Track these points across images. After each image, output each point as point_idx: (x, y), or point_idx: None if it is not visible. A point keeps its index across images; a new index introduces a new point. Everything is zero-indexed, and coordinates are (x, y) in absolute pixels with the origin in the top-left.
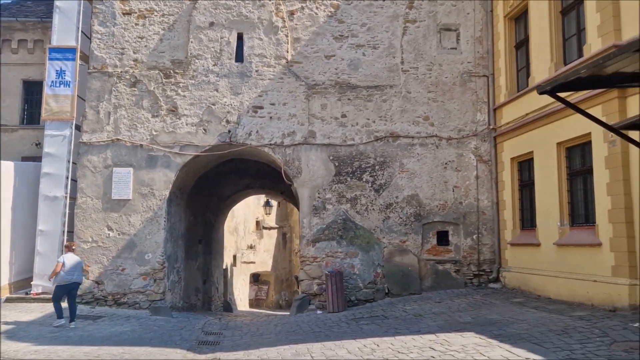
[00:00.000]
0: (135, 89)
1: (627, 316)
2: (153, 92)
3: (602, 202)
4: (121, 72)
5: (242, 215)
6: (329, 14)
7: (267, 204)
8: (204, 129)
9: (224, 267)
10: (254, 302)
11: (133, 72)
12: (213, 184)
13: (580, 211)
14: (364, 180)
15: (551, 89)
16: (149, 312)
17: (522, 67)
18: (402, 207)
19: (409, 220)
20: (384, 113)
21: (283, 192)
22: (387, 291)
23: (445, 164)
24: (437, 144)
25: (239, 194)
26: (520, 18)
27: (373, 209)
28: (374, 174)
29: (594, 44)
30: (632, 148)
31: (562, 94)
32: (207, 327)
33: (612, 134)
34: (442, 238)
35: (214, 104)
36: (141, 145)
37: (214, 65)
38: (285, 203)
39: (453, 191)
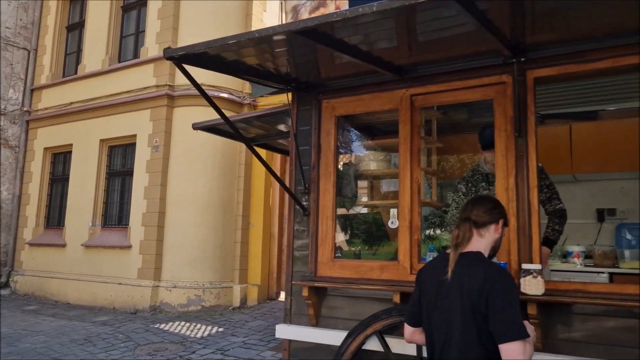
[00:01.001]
0: None
1: (149, 318)
2: None
3: (138, 205)
4: None
5: None
6: None
7: None
8: None
9: None
10: None
11: None
12: None
13: (114, 212)
14: None
15: (181, 56)
16: None
17: (73, 52)
18: None
19: None
20: None
21: None
22: None
23: None
24: None
25: None
26: None
27: None
28: None
29: (152, 49)
30: (172, 155)
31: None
32: None
33: (157, 139)
34: None
35: None
36: None
37: None
38: None
39: None
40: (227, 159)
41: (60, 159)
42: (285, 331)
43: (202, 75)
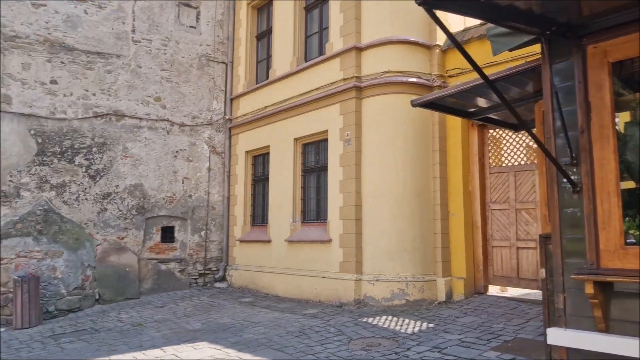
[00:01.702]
0: None
1: (354, 311)
2: None
3: (335, 199)
4: None
5: None
6: None
7: None
8: None
9: None
10: None
11: None
12: None
13: (312, 208)
14: (77, 163)
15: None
16: None
17: (263, 59)
18: (122, 198)
19: (130, 214)
20: (108, 86)
21: None
22: (98, 297)
23: (177, 152)
24: (168, 129)
25: None
26: (264, 9)
27: (86, 199)
28: (91, 157)
29: (337, 43)
30: (364, 148)
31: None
32: None
33: (348, 132)
34: (168, 234)
35: None
36: None
37: None
38: None
39: (183, 183)
40: (420, 148)
41: (259, 161)
42: (561, 337)
43: (389, 62)
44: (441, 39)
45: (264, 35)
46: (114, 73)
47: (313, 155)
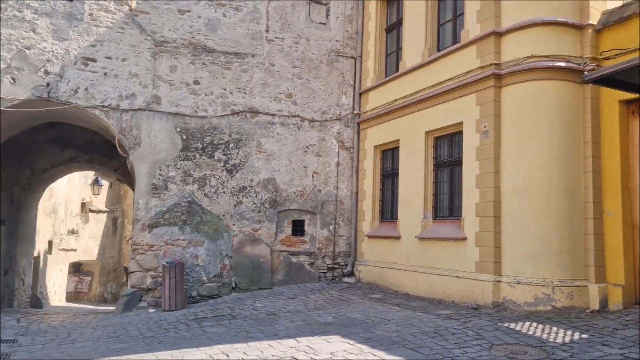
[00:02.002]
0: None
1: (493, 315)
2: None
3: (470, 195)
4: None
5: (64, 194)
6: None
7: (96, 183)
8: (12, 78)
9: (35, 254)
10: (73, 296)
11: None
12: (25, 153)
13: (444, 204)
14: (216, 158)
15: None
16: None
17: (392, 52)
18: (256, 192)
19: (264, 207)
20: (244, 85)
21: (117, 170)
22: (234, 285)
23: (307, 147)
24: (299, 125)
25: (59, 169)
26: (393, 1)
27: (224, 192)
28: (228, 152)
29: (473, 29)
30: (504, 140)
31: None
32: None
33: (486, 123)
34: (298, 227)
35: (28, 48)
36: None
37: None
38: (118, 184)
39: (312, 177)
40: (569, 139)
41: (388, 155)
42: None
43: (533, 46)
44: (594, 17)
45: (393, 28)
46: (249, 72)
47: (446, 148)
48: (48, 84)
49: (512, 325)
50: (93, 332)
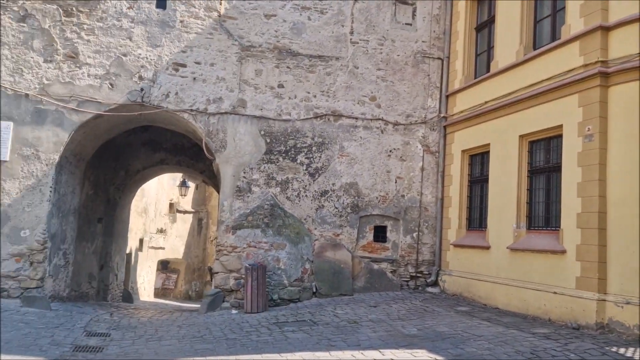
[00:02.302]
0: (25, 25)
1: (597, 337)
2: (48, 32)
3: (571, 204)
4: (7, 0)
5: (154, 195)
6: None
7: (184, 184)
8: (111, 84)
9: (128, 251)
10: (161, 292)
11: (23, 2)
12: (120, 155)
13: (539, 213)
14: (299, 161)
15: None
16: (20, 302)
17: (482, 52)
18: (338, 196)
19: (345, 212)
20: (327, 88)
21: (203, 172)
22: (315, 290)
23: (390, 151)
24: (382, 129)
25: (151, 170)
26: None
27: (306, 196)
28: (311, 155)
29: (575, 25)
30: (611, 144)
31: None
32: (92, 325)
33: (590, 127)
34: (380, 234)
35: (125, 55)
36: (27, 95)
37: (129, 8)
38: (203, 186)
39: (396, 182)
40: None
41: (477, 160)
42: None
43: None
44: None
45: (484, 26)
46: (332, 75)
47: (542, 153)
48: (142, 89)
49: (622, 350)
50: (179, 331)
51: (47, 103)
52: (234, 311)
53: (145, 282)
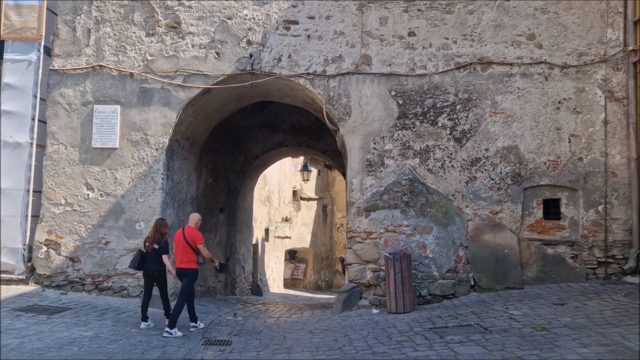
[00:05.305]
0: None
1: None
2: (148, 2)
3: None
4: None
5: (277, 182)
6: None
7: (305, 169)
8: (217, 53)
9: (254, 242)
10: (290, 282)
11: None
12: (238, 139)
13: None
14: (440, 125)
15: None
16: (139, 301)
17: None
18: (494, 165)
19: (504, 183)
20: (470, 30)
21: (325, 152)
22: (473, 283)
23: (559, 102)
24: (546, 74)
25: (270, 154)
26: None
27: (452, 167)
28: (455, 116)
29: None
30: None
31: None
32: (212, 330)
33: None
34: (551, 209)
35: (229, 18)
36: (131, 75)
37: None
38: (326, 171)
39: (569, 142)
40: None
41: None
42: None
43: None
44: None
45: None
46: (476, 13)
47: None
48: (251, 55)
49: None
50: (311, 339)
51: (153, 81)
52: (374, 310)
53: (274, 273)
